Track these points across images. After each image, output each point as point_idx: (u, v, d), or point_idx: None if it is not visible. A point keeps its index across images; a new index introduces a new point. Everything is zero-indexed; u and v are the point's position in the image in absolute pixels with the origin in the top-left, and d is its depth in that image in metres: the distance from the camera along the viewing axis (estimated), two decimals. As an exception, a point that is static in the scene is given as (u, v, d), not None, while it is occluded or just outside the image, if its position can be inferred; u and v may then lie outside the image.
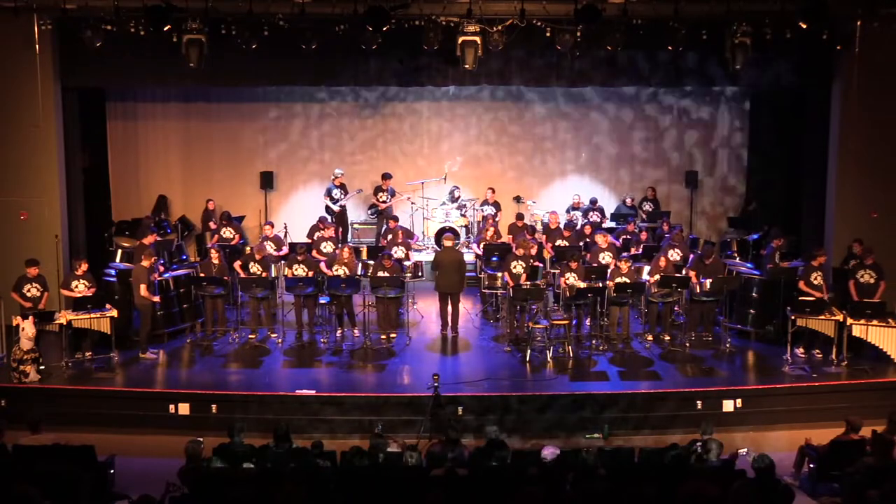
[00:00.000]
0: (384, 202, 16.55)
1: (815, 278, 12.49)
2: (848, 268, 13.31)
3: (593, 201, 16.90)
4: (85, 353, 12.33)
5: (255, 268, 13.15)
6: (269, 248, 14.20)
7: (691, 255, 13.57)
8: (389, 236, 14.73)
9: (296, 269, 13.10)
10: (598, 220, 16.28)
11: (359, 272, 13.23)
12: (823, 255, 12.70)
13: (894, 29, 13.35)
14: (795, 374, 11.84)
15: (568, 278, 12.74)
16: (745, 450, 8.73)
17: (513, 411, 10.89)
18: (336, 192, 16.55)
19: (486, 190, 16.74)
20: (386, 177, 16.67)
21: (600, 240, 13.67)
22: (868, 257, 12.73)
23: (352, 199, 16.84)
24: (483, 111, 17.56)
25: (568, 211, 16.38)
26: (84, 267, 12.48)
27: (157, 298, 12.74)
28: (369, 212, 16.88)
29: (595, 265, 13.25)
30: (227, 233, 15.39)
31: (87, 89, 15.04)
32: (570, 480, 7.72)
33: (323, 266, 13.30)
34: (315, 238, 14.72)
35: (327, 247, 14.27)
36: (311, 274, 13.05)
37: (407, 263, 13.76)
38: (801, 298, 12.26)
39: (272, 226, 14.91)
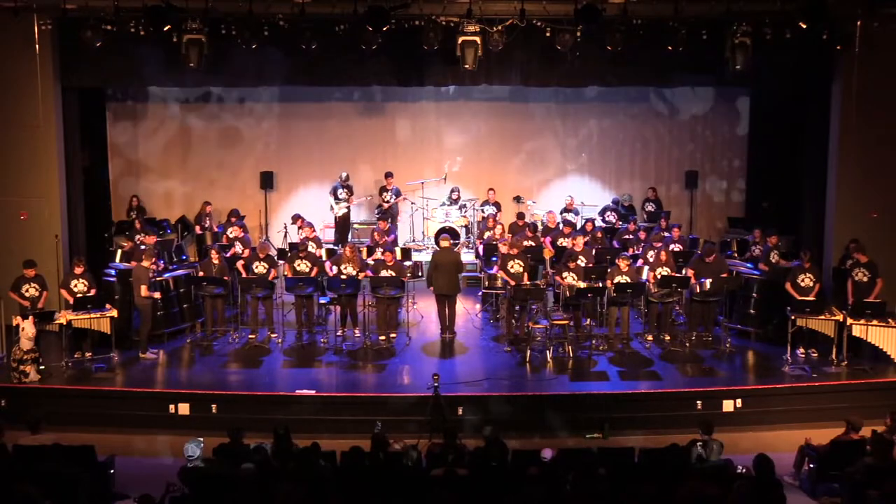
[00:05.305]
0: (388, 202, 16.56)
1: (803, 280, 12.46)
2: (846, 267, 13.31)
3: (615, 201, 16.93)
4: (85, 353, 12.33)
5: (259, 267, 13.13)
6: (238, 248, 14.30)
7: (695, 254, 13.53)
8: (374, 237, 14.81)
9: (298, 265, 13.11)
10: (613, 221, 16.27)
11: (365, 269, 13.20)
12: (809, 260, 12.64)
13: (894, 29, 13.36)
14: (795, 374, 11.84)
15: (566, 278, 12.74)
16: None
17: (512, 411, 10.89)
18: (341, 192, 16.55)
19: (488, 190, 16.76)
20: (388, 175, 16.68)
21: (579, 241, 13.59)
22: (862, 255, 12.70)
23: (358, 203, 16.85)
24: (483, 111, 17.55)
25: (561, 212, 16.33)
26: (81, 267, 12.46)
27: (157, 295, 12.76)
28: (376, 212, 16.89)
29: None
30: (234, 232, 15.30)
31: (87, 89, 15.01)
32: (570, 480, 7.72)
33: (326, 266, 13.31)
34: (301, 238, 14.64)
35: (310, 247, 14.16)
36: (315, 271, 13.07)
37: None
38: (800, 298, 12.25)
39: (240, 227, 14.98)
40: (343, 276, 12.77)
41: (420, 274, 13.71)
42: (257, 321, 13.31)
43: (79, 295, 12.25)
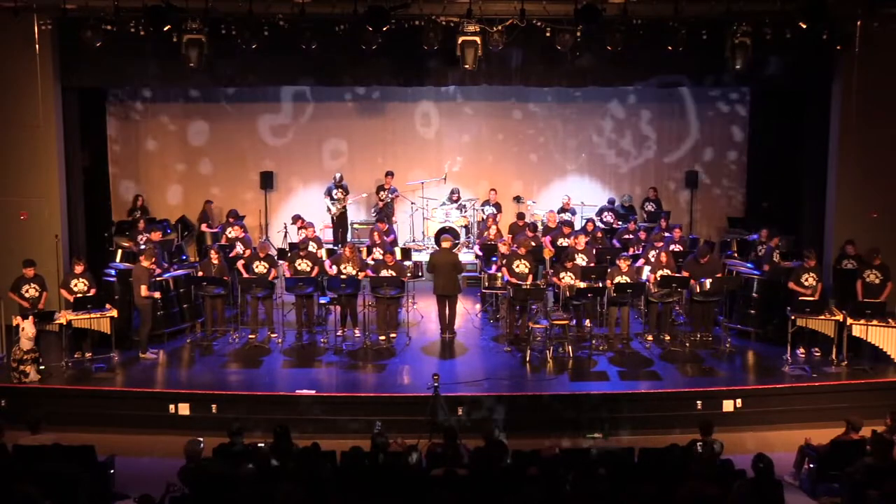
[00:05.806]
0: (382, 200, 16.56)
1: (806, 279, 12.47)
2: (842, 267, 13.32)
3: (611, 201, 16.94)
4: (85, 353, 12.33)
5: (259, 267, 13.12)
6: (239, 248, 14.32)
7: (690, 255, 13.54)
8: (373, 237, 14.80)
9: (299, 265, 13.11)
10: (611, 221, 16.27)
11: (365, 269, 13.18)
12: (813, 259, 12.65)
13: (894, 29, 13.36)
14: (795, 374, 11.84)
15: (563, 278, 12.73)
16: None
17: (513, 411, 10.89)
18: (336, 192, 16.56)
19: (489, 191, 16.75)
20: (388, 174, 16.67)
21: (580, 240, 13.62)
22: (875, 258, 12.73)
23: (354, 201, 16.86)
24: (483, 111, 17.54)
25: (558, 212, 16.32)
26: (81, 266, 12.46)
27: (157, 295, 12.76)
28: (372, 211, 16.89)
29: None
30: (235, 232, 15.30)
31: (87, 89, 15.01)
32: (570, 480, 7.71)
33: (326, 265, 13.30)
34: (301, 238, 14.61)
35: (311, 247, 14.17)
36: (315, 271, 13.06)
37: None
38: (801, 298, 12.25)
39: (240, 227, 14.98)
40: (343, 276, 12.77)
41: (420, 274, 13.71)
42: (257, 321, 13.31)
43: (79, 295, 12.25)
